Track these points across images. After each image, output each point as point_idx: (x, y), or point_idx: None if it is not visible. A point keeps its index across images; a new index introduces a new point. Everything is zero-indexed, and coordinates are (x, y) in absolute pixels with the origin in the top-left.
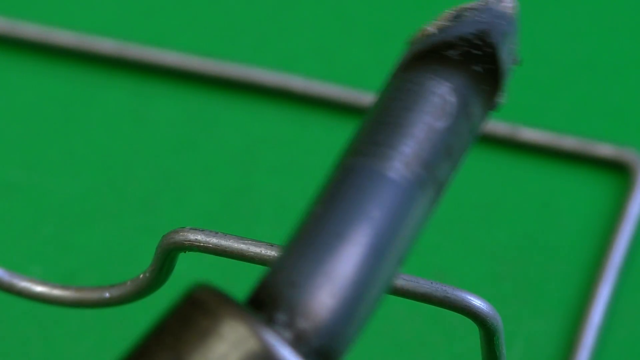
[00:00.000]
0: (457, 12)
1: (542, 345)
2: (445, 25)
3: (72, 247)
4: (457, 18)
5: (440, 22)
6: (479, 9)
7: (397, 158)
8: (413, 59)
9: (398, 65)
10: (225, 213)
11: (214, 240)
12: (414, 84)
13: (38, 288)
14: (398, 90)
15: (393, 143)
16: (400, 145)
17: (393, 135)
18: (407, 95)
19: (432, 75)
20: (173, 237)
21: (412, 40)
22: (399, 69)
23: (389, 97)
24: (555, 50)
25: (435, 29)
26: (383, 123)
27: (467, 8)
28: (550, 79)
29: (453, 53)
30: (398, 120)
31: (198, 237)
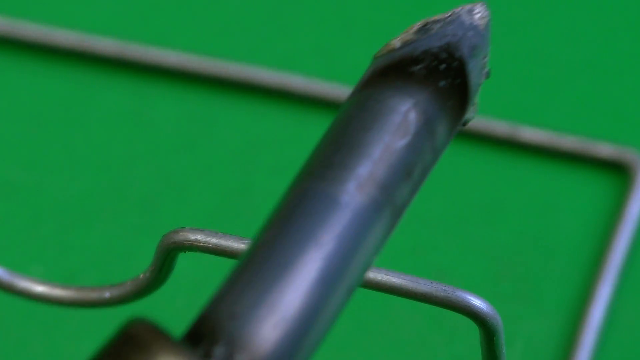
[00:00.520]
0: (423, 24)
1: (542, 345)
2: (411, 39)
3: (72, 247)
4: (423, 31)
5: (406, 35)
6: (447, 21)
7: (350, 180)
8: (375, 75)
9: (359, 82)
10: (225, 213)
11: (214, 240)
12: (375, 101)
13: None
14: (357, 108)
15: (347, 164)
16: (355, 167)
17: (348, 156)
18: (366, 114)
19: (393, 92)
20: (173, 237)
21: (376, 55)
22: (360, 86)
23: (348, 115)
24: (555, 50)
25: (400, 43)
26: (339, 143)
27: (434, 20)
28: (550, 79)
29: (417, 68)
30: (354, 140)
31: (198, 237)
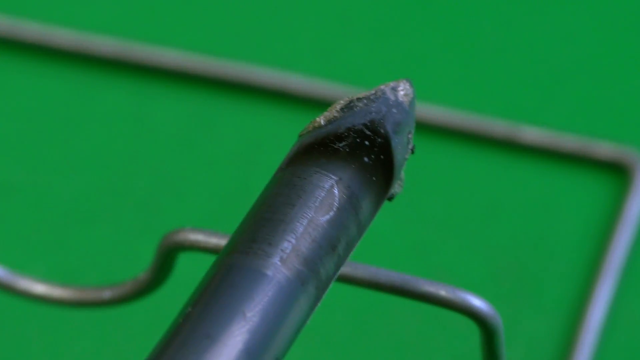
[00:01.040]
0: (348, 102)
1: (542, 345)
2: (335, 117)
3: (72, 247)
4: (347, 108)
5: (330, 113)
6: (372, 99)
7: (275, 255)
8: (300, 153)
9: (284, 160)
10: (225, 213)
11: (214, 240)
12: (299, 178)
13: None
14: (281, 185)
15: (272, 240)
16: (279, 242)
17: (272, 232)
18: (290, 190)
19: (317, 169)
20: (173, 237)
21: (301, 133)
22: (285, 163)
23: (272, 192)
24: (556, 50)
25: (324, 121)
26: (264, 219)
27: (358, 98)
28: (550, 79)
29: (341, 145)
30: (279, 216)
31: (198, 237)
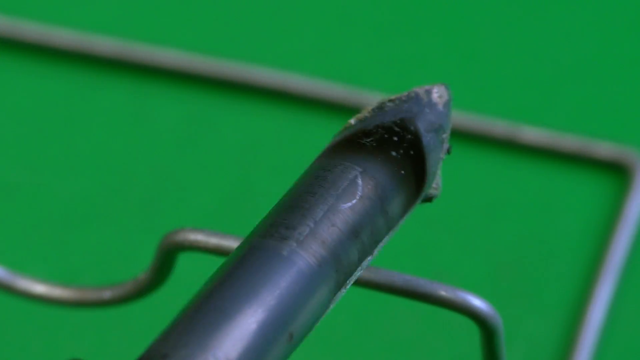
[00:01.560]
0: (380, 103)
1: (542, 345)
2: (366, 117)
3: (72, 247)
4: (379, 109)
5: (362, 114)
6: (403, 99)
7: (292, 237)
8: (329, 150)
9: (315, 159)
10: (225, 213)
11: (214, 240)
12: (323, 170)
13: (38, 288)
14: (306, 177)
15: (290, 224)
16: (297, 226)
17: (291, 217)
18: (313, 181)
19: (342, 162)
20: (173, 237)
21: (334, 135)
22: (316, 160)
23: (299, 183)
24: (556, 50)
25: (355, 121)
26: (285, 207)
27: (390, 99)
28: (550, 79)
29: (368, 140)
30: (299, 203)
31: (198, 237)
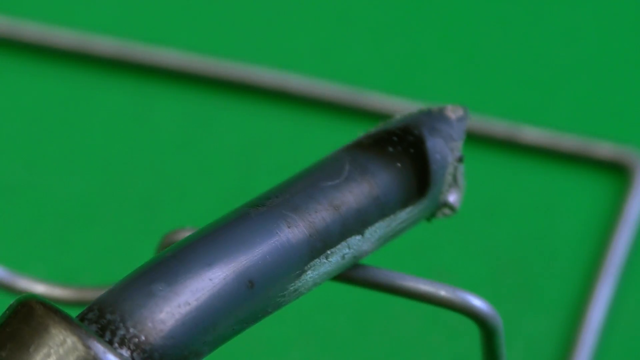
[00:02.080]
0: (391, 117)
1: (542, 345)
2: (376, 127)
3: (72, 247)
4: (391, 118)
5: (372, 128)
6: (416, 112)
7: (265, 205)
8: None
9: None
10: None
11: None
12: (322, 161)
13: (38, 288)
14: (306, 168)
15: (269, 195)
16: (274, 195)
17: (273, 190)
18: (311, 168)
19: (337, 154)
20: (173, 237)
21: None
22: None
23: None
24: (556, 50)
25: (364, 132)
26: (276, 186)
27: (401, 113)
28: (550, 79)
29: (368, 139)
30: (287, 182)
31: None
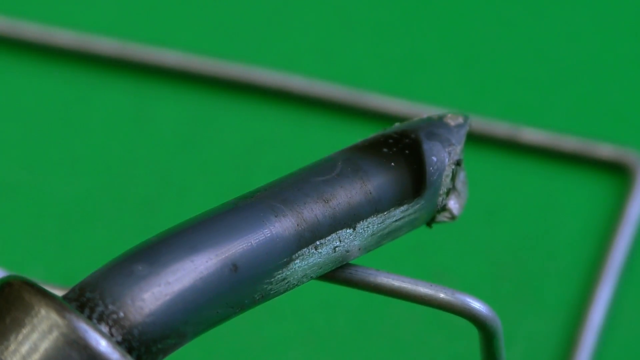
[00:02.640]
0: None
1: (542, 346)
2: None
3: (72, 247)
4: (386, 128)
5: None
6: (413, 120)
7: (254, 197)
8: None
9: None
10: None
11: None
12: (319, 161)
13: None
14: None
15: (261, 189)
16: (265, 189)
17: (265, 186)
18: (309, 166)
19: (334, 154)
20: None
21: None
22: None
23: None
24: (557, 51)
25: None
26: (272, 181)
27: (402, 121)
28: (551, 80)
29: (365, 143)
30: (280, 178)
31: None
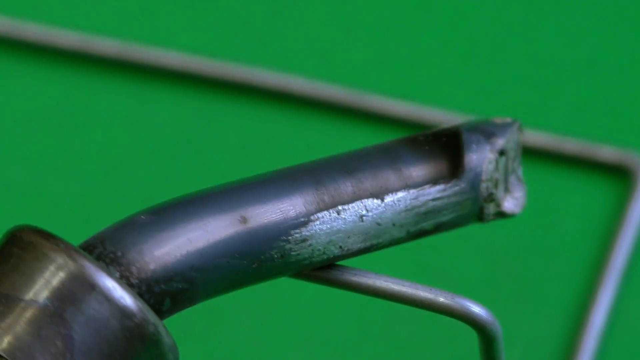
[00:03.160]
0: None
1: (542, 348)
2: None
3: None
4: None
5: None
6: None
7: (280, 170)
8: None
9: None
10: None
11: None
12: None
13: None
14: None
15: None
16: (303, 165)
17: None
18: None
19: (367, 146)
20: None
21: None
22: None
23: None
24: (558, 53)
25: None
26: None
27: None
28: (552, 81)
29: (400, 138)
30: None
31: None
